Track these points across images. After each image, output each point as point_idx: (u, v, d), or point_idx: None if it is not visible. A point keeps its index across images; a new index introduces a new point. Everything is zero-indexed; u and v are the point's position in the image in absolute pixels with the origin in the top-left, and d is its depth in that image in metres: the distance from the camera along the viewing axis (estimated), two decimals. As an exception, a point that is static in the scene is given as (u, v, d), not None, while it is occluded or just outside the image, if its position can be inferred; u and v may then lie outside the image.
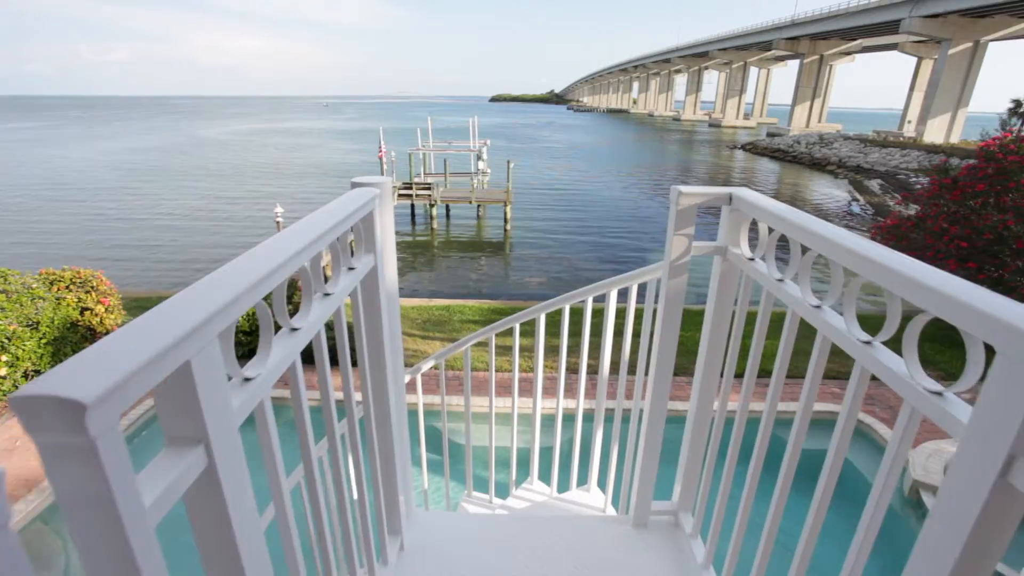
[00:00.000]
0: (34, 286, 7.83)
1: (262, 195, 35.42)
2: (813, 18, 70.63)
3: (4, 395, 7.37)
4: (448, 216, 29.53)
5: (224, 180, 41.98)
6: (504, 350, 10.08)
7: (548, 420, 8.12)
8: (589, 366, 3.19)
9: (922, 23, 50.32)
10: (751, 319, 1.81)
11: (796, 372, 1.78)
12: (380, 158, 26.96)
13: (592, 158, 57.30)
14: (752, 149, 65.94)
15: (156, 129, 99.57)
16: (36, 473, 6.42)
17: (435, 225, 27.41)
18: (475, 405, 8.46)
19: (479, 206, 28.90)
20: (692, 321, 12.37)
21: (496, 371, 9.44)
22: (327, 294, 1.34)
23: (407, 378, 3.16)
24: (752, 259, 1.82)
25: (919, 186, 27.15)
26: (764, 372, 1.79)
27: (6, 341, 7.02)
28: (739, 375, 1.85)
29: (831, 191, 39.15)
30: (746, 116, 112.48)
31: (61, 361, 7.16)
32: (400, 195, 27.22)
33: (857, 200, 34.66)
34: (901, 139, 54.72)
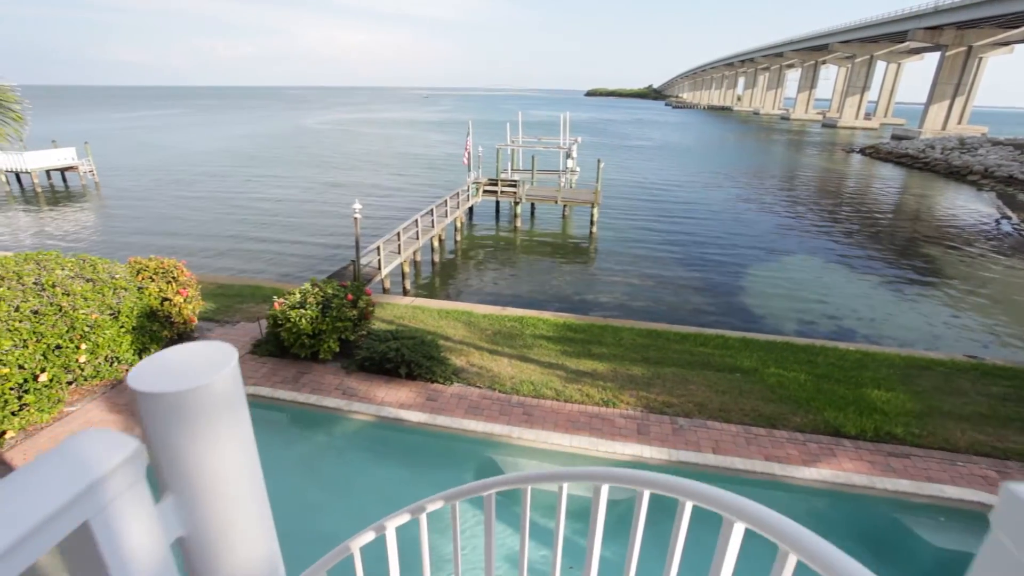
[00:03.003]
0: (118, 276, 8.10)
1: (346, 185, 36.72)
2: (964, 3, 61.70)
3: (85, 380, 7.67)
4: (532, 215, 28.85)
5: (312, 169, 44.13)
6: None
7: None
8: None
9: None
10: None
11: None
12: (466, 162, 26.77)
13: (688, 159, 54.16)
14: (873, 153, 59.25)
15: (266, 118, 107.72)
16: (103, 466, 6.52)
17: (519, 224, 26.84)
18: None
19: (565, 206, 27.95)
20: (783, 355, 10.11)
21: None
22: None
23: None
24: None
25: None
26: None
27: (87, 329, 7.27)
28: None
29: (973, 205, 33.94)
30: (867, 116, 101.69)
31: (141, 349, 7.22)
32: (485, 191, 26.91)
33: (1008, 218, 29.71)
34: (1067, 148, 46.50)
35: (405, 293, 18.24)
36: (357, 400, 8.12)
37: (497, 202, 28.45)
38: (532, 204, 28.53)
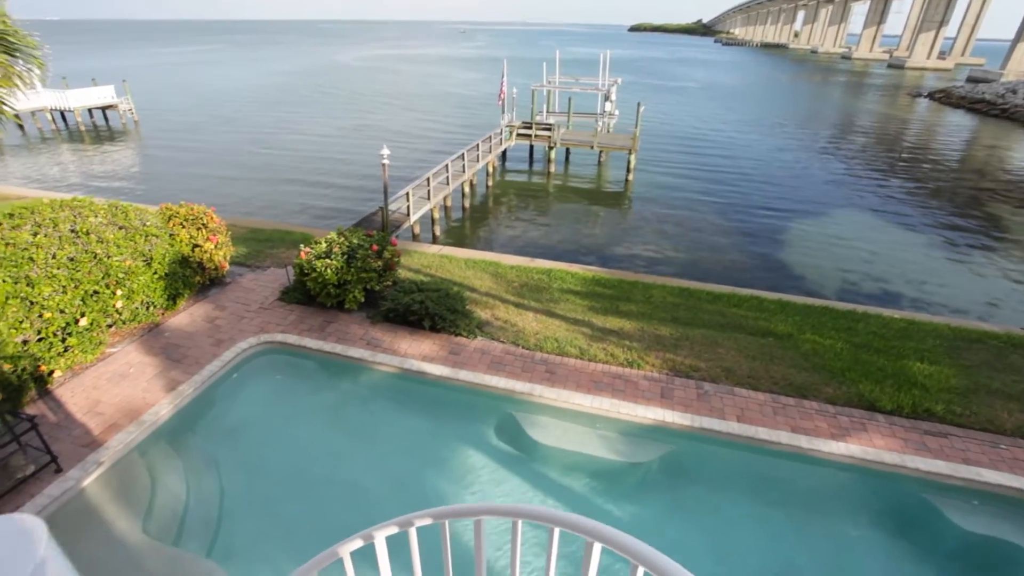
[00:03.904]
0: (149, 222, 8.22)
1: (378, 127, 36.13)
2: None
3: (124, 323, 7.98)
4: (567, 160, 27.96)
5: (345, 109, 43.48)
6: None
7: None
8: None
9: None
10: None
11: None
12: (500, 103, 25.69)
13: (734, 103, 50.93)
14: (942, 98, 54.38)
15: (302, 54, 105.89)
16: (140, 404, 6.88)
17: (552, 169, 26.10)
18: None
19: (601, 152, 26.92)
20: (820, 321, 9.60)
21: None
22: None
23: None
24: None
25: None
26: None
27: (122, 276, 7.48)
28: None
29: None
30: (941, 55, 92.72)
31: (174, 295, 7.39)
32: (519, 135, 26.07)
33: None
34: None
35: (434, 240, 18.18)
36: (381, 351, 8.21)
37: (531, 146, 27.61)
38: (567, 149, 27.59)
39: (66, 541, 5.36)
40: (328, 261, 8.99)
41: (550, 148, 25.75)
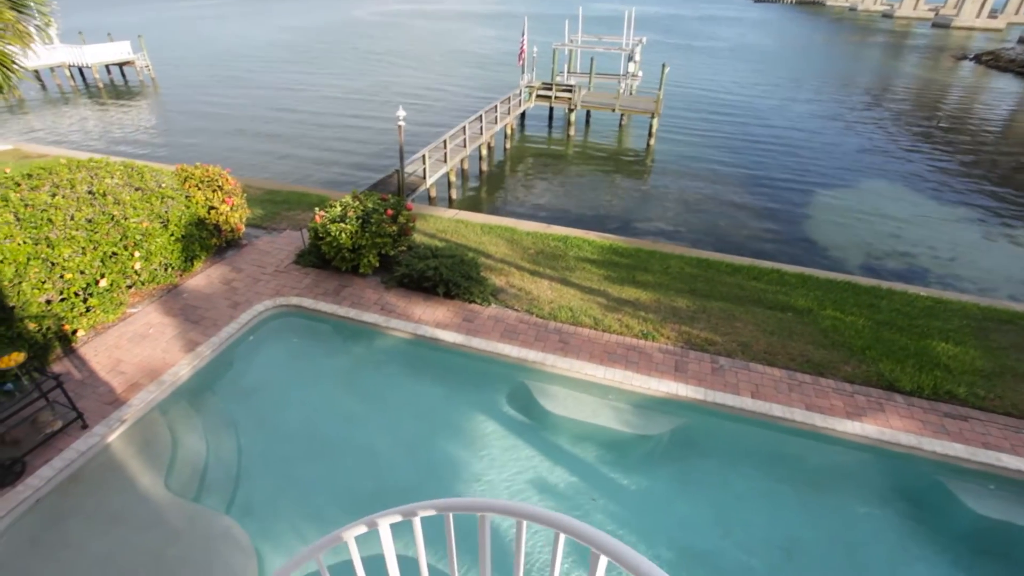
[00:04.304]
0: (165, 184, 8.22)
1: (394, 85, 35.40)
2: None
3: (143, 284, 8.10)
4: (587, 123, 27.22)
5: (361, 66, 42.61)
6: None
7: None
8: None
9: None
10: None
11: None
12: (520, 63, 24.82)
13: (765, 65, 48.72)
14: (990, 61, 51.29)
15: (319, 7, 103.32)
16: (160, 364, 7.04)
17: (572, 132, 25.47)
18: None
19: (623, 115, 26.13)
20: (842, 296, 9.34)
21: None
22: None
23: None
24: None
25: None
26: None
27: (139, 238, 7.53)
28: None
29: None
30: (992, 14, 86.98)
31: (191, 256, 7.46)
32: (539, 96, 25.37)
33: None
34: None
35: (451, 203, 18.02)
36: (395, 317, 8.24)
37: (551, 108, 26.91)
38: (588, 111, 26.82)
39: (94, 494, 5.61)
40: (343, 225, 8.95)
41: (570, 110, 25.05)
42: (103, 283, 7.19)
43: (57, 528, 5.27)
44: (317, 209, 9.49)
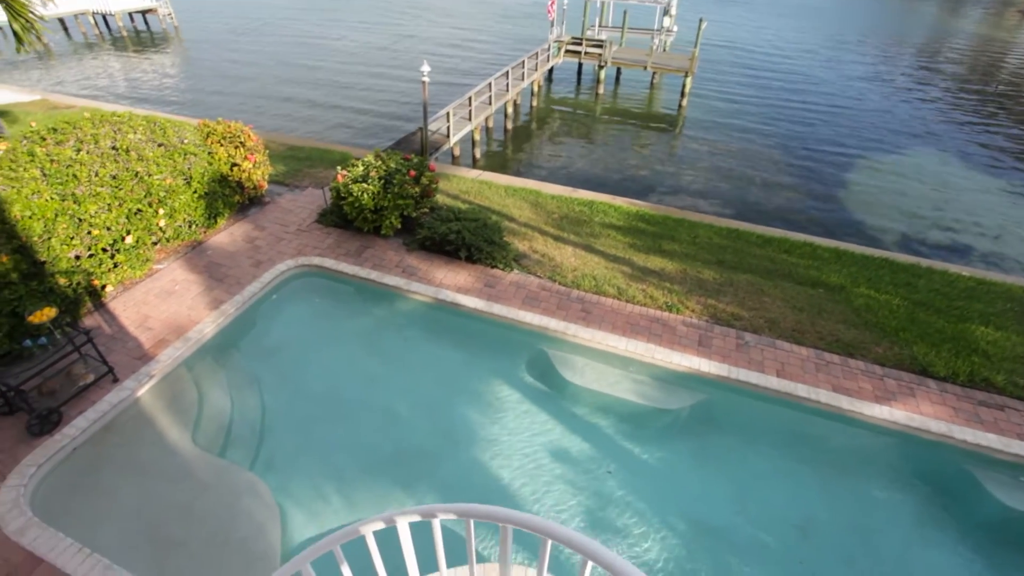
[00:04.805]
0: (187, 140, 8.14)
1: (420, 38, 34.34)
2: None
3: (168, 241, 8.16)
4: (617, 81, 26.17)
5: (386, 18, 41.35)
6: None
7: None
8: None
9: None
10: None
11: None
12: (551, 15, 23.68)
13: (808, 21, 45.80)
14: (1057, 18, 47.36)
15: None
16: (186, 321, 7.16)
17: (601, 90, 24.53)
18: None
19: (655, 73, 25.01)
20: (878, 274, 9.00)
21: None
22: None
23: None
24: None
25: None
26: None
27: (163, 195, 7.53)
28: None
29: None
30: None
31: (215, 214, 7.46)
32: (567, 51, 24.37)
33: None
34: None
35: (474, 162, 17.69)
36: (416, 280, 8.20)
37: (580, 64, 25.91)
38: (618, 69, 25.75)
39: (125, 445, 5.82)
40: (365, 186, 8.82)
41: (600, 67, 24.04)
42: (129, 240, 7.25)
43: (93, 476, 5.50)
44: (339, 168, 9.35)
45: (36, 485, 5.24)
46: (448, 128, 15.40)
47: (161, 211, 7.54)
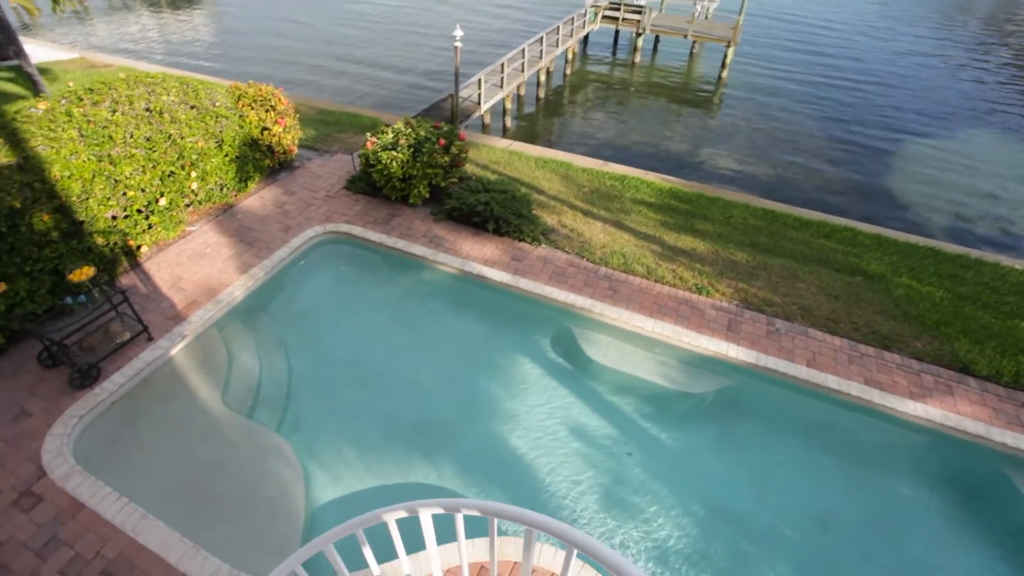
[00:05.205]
0: (219, 103, 8.14)
1: (454, 2, 33.40)
2: None
3: (200, 203, 8.27)
4: (655, 50, 25.15)
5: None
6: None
7: None
8: None
9: None
10: None
11: None
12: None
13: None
14: None
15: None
16: (217, 283, 7.30)
17: (637, 59, 23.64)
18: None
19: (695, 42, 23.92)
20: (922, 264, 8.62)
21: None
22: None
23: None
24: None
25: None
26: None
27: (196, 158, 7.59)
28: None
29: None
30: None
31: (245, 177, 7.51)
32: (604, 17, 23.44)
33: None
34: None
35: (505, 131, 17.37)
36: (443, 251, 8.17)
37: (616, 31, 24.91)
38: (656, 37, 24.68)
39: (160, 402, 6.04)
40: (394, 154, 8.74)
41: (638, 35, 23.10)
42: (163, 201, 7.37)
43: (130, 429, 5.74)
44: (368, 135, 9.27)
45: (78, 435, 5.50)
46: (479, 95, 15.09)
47: (193, 174, 7.62)
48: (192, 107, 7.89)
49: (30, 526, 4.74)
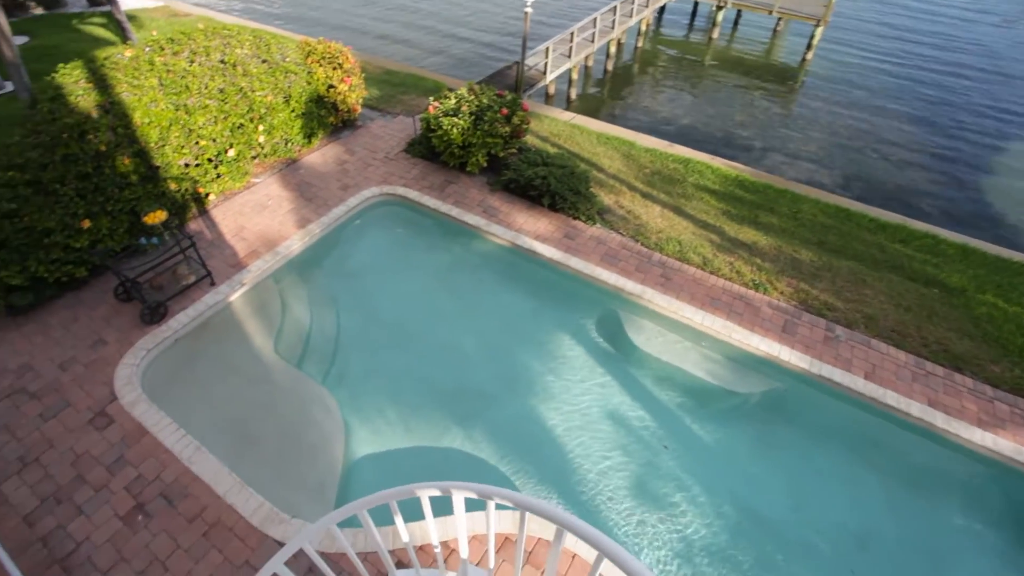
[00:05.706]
0: (289, 58, 8.27)
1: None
2: None
3: (265, 156, 8.53)
4: (736, 25, 23.67)
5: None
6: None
7: None
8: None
9: None
10: None
11: None
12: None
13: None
14: None
15: None
16: (277, 235, 7.58)
17: (715, 34, 22.35)
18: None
19: (780, 19, 22.34)
20: (1011, 280, 7.99)
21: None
22: None
23: None
24: None
25: None
26: None
27: (264, 112, 7.80)
28: None
29: None
30: None
31: (309, 133, 7.67)
32: (685, -13, 22.20)
33: None
34: None
35: (568, 104, 16.96)
36: (496, 222, 8.14)
37: (695, 3, 23.59)
38: (739, 11, 23.19)
39: (218, 343, 6.40)
40: (455, 120, 8.69)
41: (718, 8, 21.76)
42: (231, 152, 7.65)
43: (190, 366, 6.13)
44: (431, 99, 9.24)
45: (146, 366, 5.93)
46: (546, 65, 14.72)
47: (261, 127, 7.84)
48: (264, 61, 8.07)
49: (103, 443, 5.19)
